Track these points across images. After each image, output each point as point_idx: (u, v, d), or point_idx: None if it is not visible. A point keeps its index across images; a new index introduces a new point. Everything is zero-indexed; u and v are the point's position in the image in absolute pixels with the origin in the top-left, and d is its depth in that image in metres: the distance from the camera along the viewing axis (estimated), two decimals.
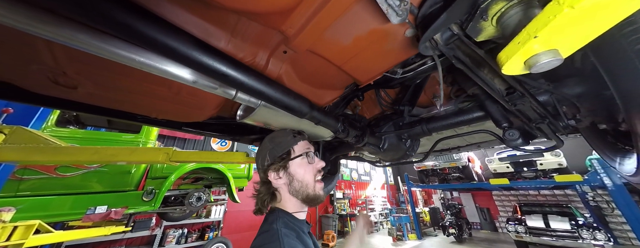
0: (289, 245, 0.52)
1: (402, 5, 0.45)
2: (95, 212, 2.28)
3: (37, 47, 0.51)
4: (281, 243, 0.51)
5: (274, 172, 0.66)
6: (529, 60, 0.32)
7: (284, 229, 0.57)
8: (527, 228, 5.52)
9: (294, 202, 0.65)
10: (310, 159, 0.68)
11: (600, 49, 0.44)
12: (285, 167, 0.66)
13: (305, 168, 0.66)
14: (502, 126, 0.70)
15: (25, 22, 0.41)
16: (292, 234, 0.57)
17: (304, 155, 0.68)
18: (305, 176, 0.65)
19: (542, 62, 0.31)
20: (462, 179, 7.64)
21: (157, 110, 0.90)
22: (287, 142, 0.71)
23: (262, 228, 0.60)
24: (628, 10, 0.25)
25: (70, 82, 0.62)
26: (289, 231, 0.57)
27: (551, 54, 0.30)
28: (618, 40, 0.40)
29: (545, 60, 0.31)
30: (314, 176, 0.66)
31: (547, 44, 0.31)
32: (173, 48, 0.50)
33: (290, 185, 0.65)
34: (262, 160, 0.71)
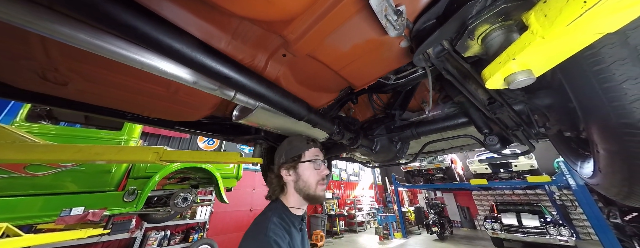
0: (273, 231, 0.61)
1: (400, 20, 0.49)
2: (70, 213, 2.13)
3: (29, 43, 0.49)
4: (267, 229, 0.62)
5: (286, 170, 0.77)
6: (508, 78, 0.37)
7: (275, 219, 0.67)
8: (502, 225, 5.92)
9: (296, 198, 0.75)
10: (316, 165, 0.77)
11: (566, 68, 0.51)
12: (295, 168, 0.76)
13: (311, 171, 0.75)
14: (483, 132, 0.77)
15: (26, 19, 0.39)
16: (281, 225, 0.66)
17: (312, 161, 0.78)
18: (310, 178, 0.74)
19: (518, 80, 0.36)
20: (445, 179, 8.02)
21: (150, 109, 0.88)
22: (301, 147, 0.81)
23: (261, 214, 0.72)
24: (589, 40, 0.30)
25: (60, 78, 0.60)
26: (279, 221, 0.67)
27: (526, 73, 0.35)
28: (580, 61, 0.47)
29: (521, 78, 0.36)
30: (317, 180, 0.75)
31: (523, 65, 0.36)
32: (177, 49, 0.50)
33: (296, 183, 0.75)
34: (279, 157, 0.83)
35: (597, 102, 0.45)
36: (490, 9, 0.38)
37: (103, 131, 2.78)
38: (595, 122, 0.49)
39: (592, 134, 0.51)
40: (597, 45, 0.44)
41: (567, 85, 0.52)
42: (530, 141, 0.72)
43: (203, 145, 5.88)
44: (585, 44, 0.31)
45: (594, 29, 0.28)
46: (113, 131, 2.80)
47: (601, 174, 0.56)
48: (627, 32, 0.41)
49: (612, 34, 0.42)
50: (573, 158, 0.77)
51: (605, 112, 0.44)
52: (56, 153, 1.00)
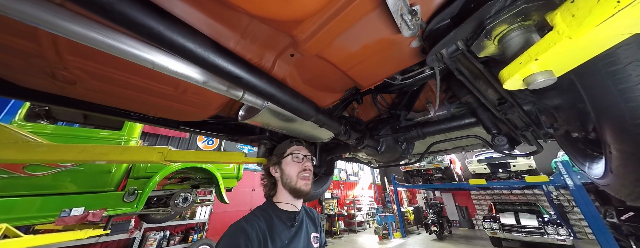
0: (245, 219, 0.67)
1: (414, 20, 0.49)
2: (70, 214, 2.11)
3: (40, 42, 0.48)
4: (242, 218, 0.66)
5: (273, 167, 0.83)
6: (528, 78, 0.37)
7: (256, 210, 0.73)
8: (501, 225, 5.96)
9: (285, 194, 0.78)
10: (296, 158, 0.81)
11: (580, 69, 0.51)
12: (280, 164, 0.81)
13: (292, 165, 0.80)
14: (492, 132, 0.77)
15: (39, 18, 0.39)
16: (259, 215, 0.70)
17: (291, 154, 0.82)
18: (291, 172, 0.78)
19: (538, 80, 0.36)
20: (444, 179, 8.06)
21: (156, 109, 0.87)
22: (284, 146, 0.87)
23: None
24: (615, 40, 0.30)
25: (69, 77, 0.59)
26: (260, 213, 0.72)
27: (547, 74, 0.35)
28: (594, 62, 0.47)
29: (541, 79, 0.36)
30: (297, 172, 0.78)
31: (544, 66, 0.36)
32: (190, 49, 0.50)
33: (282, 178, 0.79)
34: (269, 160, 0.88)
35: (612, 103, 0.45)
36: (510, 9, 0.38)
37: (102, 131, 2.75)
38: (609, 123, 0.49)
39: (605, 135, 0.52)
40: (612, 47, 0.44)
41: (580, 86, 0.52)
42: (538, 141, 0.72)
43: (202, 145, 5.85)
44: (612, 44, 0.31)
45: (623, 29, 0.28)
46: (113, 131, 2.78)
47: (613, 175, 0.56)
48: None
49: None
50: (581, 159, 0.77)
51: (620, 113, 0.45)
52: (59, 153, 0.99)
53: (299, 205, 0.81)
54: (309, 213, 0.88)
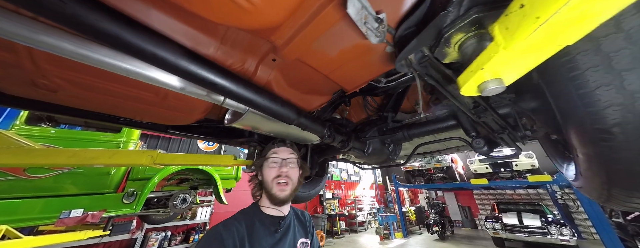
0: (224, 223, 0.66)
1: (380, 27, 0.50)
2: (69, 215, 2.15)
3: (17, 52, 0.50)
4: (223, 222, 0.67)
5: (258, 171, 0.82)
6: (480, 86, 0.38)
7: (238, 214, 0.73)
8: (503, 225, 5.90)
9: (265, 198, 0.78)
10: (272, 163, 0.79)
11: (545, 74, 0.51)
12: (261, 168, 0.80)
13: (268, 170, 0.78)
14: (470, 135, 0.77)
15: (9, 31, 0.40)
16: (242, 220, 0.69)
17: (267, 159, 0.80)
18: (267, 176, 0.76)
19: (490, 88, 0.37)
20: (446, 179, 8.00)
21: (142, 114, 0.89)
22: (268, 148, 0.85)
23: None
24: (550, 51, 0.31)
25: (50, 86, 0.61)
26: (242, 217, 0.71)
27: (496, 82, 0.36)
28: (557, 67, 0.47)
29: (492, 86, 0.36)
30: (272, 177, 0.76)
31: (494, 74, 0.36)
32: (161, 57, 0.51)
33: (263, 183, 0.78)
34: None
35: (574, 107, 0.45)
36: (463, 18, 0.39)
37: (102, 133, 2.80)
38: (573, 127, 0.49)
39: (571, 138, 0.52)
40: (572, 52, 0.44)
41: (546, 90, 0.52)
42: (516, 144, 0.72)
43: (203, 146, 5.90)
44: (548, 55, 0.32)
45: (553, 41, 0.28)
46: (112, 133, 2.83)
47: (582, 177, 0.56)
48: (600, 40, 0.41)
49: (586, 42, 0.43)
50: (560, 161, 0.77)
51: (581, 118, 0.45)
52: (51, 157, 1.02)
53: (286, 210, 0.78)
54: (300, 217, 0.84)
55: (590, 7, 0.23)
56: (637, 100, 0.38)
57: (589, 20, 0.25)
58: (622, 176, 0.44)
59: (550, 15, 0.23)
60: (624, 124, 0.39)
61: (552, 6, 0.23)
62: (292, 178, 0.78)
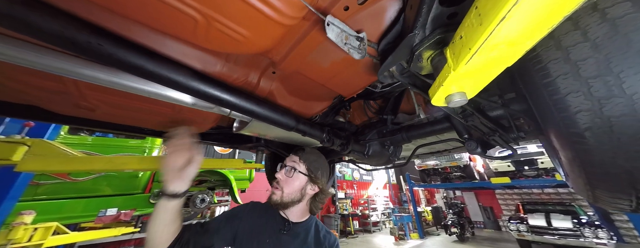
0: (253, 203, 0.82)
1: (361, 45, 0.55)
2: (106, 214, 2.43)
3: (64, 82, 0.62)
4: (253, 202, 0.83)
5: None
6: (447, 98, 0.42)
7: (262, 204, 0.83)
8: (529, 226, 5.52)
9: None
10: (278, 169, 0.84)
11: (524, 79, 0.53)
12: None
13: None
14: (463, 137, 0.79)
15: (59, 68, 0.52)
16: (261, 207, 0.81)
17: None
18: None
19: (455, 100, 0.40)
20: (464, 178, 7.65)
21: (162, 125, 1.01)
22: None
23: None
24: (495, 71, 0.34)
25: (90, 106, 0.74)
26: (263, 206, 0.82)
27: (460, 95, 0.40)
28: (532, 74, 0.49)
29: (457, 99, 0.40)
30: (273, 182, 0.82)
31: (458, 88, 0.40)
32: (176, 80, 0.61)
33: None
34: None
35: (549, 112, 0.47)
36: (429, 38, 0.43)
37: (131, 140, 3.11)
38: (551, 131, 0.50)
39: (552, 142, 0.52)
40: (544, 60, 0.46)
41: (527, 95, 0.53)
42: (510, 145, 0.73)
43: (219, 149, 6.23)
44: (495, 74, 0.35)
45: (493, 64, 0.32)
46: (139, 140, 3.12)
47: (570, 179, 0.56)
48: (569, 49, 0.43)
49: (556, 50, 0.45)
50: (558, 162, 0.75)
51: (557, 122, 0.46)
52: (91, 164, 1.19)
53: (292, 216, 0.79)
54: (320, 237, 0.78)
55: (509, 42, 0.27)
56: (604, 106, 0.39)
57: (514, 49, 0.29)
58: (599, 178, 0.45)
59: (478, 47, 0.27)
60: (594, 128, 0.41)
61: (478, 40, 0.27)
62: (283, 185, 0.78)
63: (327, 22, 0.47)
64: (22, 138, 1.19)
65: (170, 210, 0.65)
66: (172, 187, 0.66)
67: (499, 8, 0.22)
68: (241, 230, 0.73)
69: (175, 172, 0.68)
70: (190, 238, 0.68)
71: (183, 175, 0.68)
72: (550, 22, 0.24)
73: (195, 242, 0.68)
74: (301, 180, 0.81)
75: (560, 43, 0.44)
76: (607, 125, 0.39)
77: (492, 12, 0.23)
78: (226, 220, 0.76)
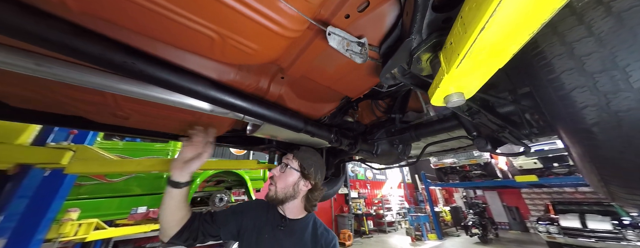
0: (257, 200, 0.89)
1: (363, 50, 0.58)
2: (137, 211, 2.66)
3: (105, 95, 0.72)
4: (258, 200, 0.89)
5: None
6: (445, 98, 0.43)
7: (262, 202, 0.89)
8: (561, 228, 5.10)
9: None
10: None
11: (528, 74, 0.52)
12: None
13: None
14: (471, 134, 0.78)
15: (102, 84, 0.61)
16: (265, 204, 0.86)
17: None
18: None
19: (453, 100, 0.42)
20: (485, 177, 7.24)
21: (182, 130, 1.11)
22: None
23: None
24: (488, 74, 0.35)
25: (125, 115, 0.84)
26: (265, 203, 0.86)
27: (458, 95, 0.41)
28: (537, 70, 0.49)
29: (455, 99, 0.42)
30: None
31: (456, 88, 0.42)
32: (196, 90, 0.68)
33: None
34: None
35: (556, 108, 0.47)
36: (426, 42, 0.44)
37: (156, 144, 3.38)
38: (560, 127, 0.49)
39: (562, 138, 0.51)
40: (548, 56, 0.46)
41: (533, 91, 0.53)
42: (522, 142, 0.71)
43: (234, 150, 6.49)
44: (488, 75, 0.36)
45: (485, 66, 0.33)
46: (163, 143, 3.38)
47: (585, 176, 0.54)
48: (573, 44, 0.43)
49: (560, 46, 0.45)
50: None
51: (563, 118, 0.46)
52: (124, 166, 1.34)
53: (289, 213, 0.82)
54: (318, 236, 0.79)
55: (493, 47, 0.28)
56: (611, 101, 0.39)
57: (501, 53, 0.30)
58: (611, 174, 0.43)
59: (465, 52, 0.29)
60: (602, 123, 0.40)
61: (465, 46, 0.28)
62: (277, 181, 0.83)
63: (328, 32, 0.51)
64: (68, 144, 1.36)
65: (174, 197, 0.71)
66: (174, 176, 0.73)
67: (479, 19, 0.24)
68: (245, 225, 0.78)
69: (180, 164, 0.75)
70: (199, 226, 0.74)
71: (186, 168, 0.75)
72: (530, 28, 0.26)
73: (203, 230, 0.74)
74: (294, 176, 0.84)
75: (564, 38, 0.43)
76: (615, 120, 0.39)
77: (474, 22, 0.25)
78: (233, 214, 0.81)
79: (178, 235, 0.71)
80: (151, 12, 0.41)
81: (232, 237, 0.79)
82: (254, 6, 0.41)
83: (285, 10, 0.43)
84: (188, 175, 0.76)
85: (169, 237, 0.71)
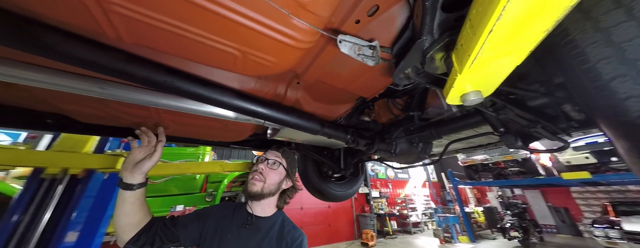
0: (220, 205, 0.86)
1: (374, 52, 0.59)
2: (175, 209, 2.97)
3: (149, 110, 0.84)
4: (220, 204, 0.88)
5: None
6: (462, 97, 0.43)
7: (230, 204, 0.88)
8: (624, 232, 4.39)
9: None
10: (258, 161, 0.89)
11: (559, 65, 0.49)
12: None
13: (254, 166, 0.88)
14: (498, 131, 0.72)
15: (147, 100, 0.72)
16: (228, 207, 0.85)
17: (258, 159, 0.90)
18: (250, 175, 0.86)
19: (470, 98, 0.41)
20: (524, 174, 6.52)
21: (212, 136, 1.23)
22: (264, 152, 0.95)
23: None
24: (505, 72, 0.34)
25: (164, 125, 0.97)
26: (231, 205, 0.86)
27: (475, 93, 0.41)
28: (569, 60, 0.45)
29: (472, 97, 0.41)
30: (252, 172, 0.85)
31: (472, 86, 0.41)
32: (223, 101, 0.75)
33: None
34: None
35: (593, 100, 0.43)
36: (439, 42, 0.44)
37: (188, 148, 3.73)
38: (600, 121, 0.44)
39: (605, 132, 0.46)
40: (581, 45, 0.43)
41: (567, 83, 0.48)
42: (559, 137, 0.64)
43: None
44: (505, 73, 0.35)
45: (498, 65, 0.32)
46: (194, 148, 3.72)
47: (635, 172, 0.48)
48: (610, 30, 0.39)
49: (594, 32, 0.41)
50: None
51: (603, 111, 0.42)
52: (166, 169, 1.52)
53: (260, 210, 0.81)
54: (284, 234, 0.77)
55: (505, 47, 0.28)
56: None
57: (515, 52, 0.29)
58: None
59: (476, 54, 0.29)
60: None
61: (475, 48, 0.29)
62: (266, 177, 0.82)
63: (339, 40, 0.53)
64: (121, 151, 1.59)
65: (126, 200, 0.67)
66: (125, 178, 0.69)
67: (486, 21, 0.25)
68: (207, 229, 0.75)
69: (131, 165, 0.71)
70: (157, 230, 0.70)
71: (137, 169, 0.71)
72: (542, 28, 0.25)
73: (162, 235, 0.70)
74: (281, 175, 0.86)
75: (599, 24, 0.40)
76: None
77: (481, 26, 0.26)
78: (195, 218, 0.78)
79: (134, 239, 0.67)
80: (187, 39, 0.47)
81: (193, 242, 0.74)
82: (271, 25, 0.45)
83: (298, 25, 0.46)
84: (141, 177, 0.72)
85: (125, 241, 0.67)
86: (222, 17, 0.41)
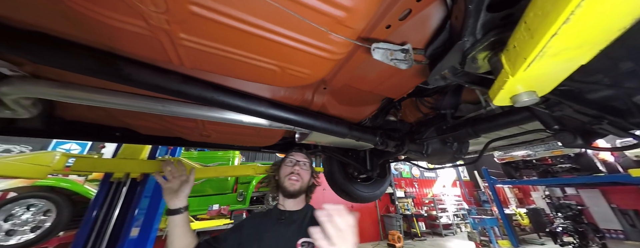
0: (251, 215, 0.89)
1: (407, 56, 0.59)
2: (212, 208, 3.25)
3: (196, 122, 0.95)
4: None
5: (276, 173, 1.00)
6: (513, 98, 0.41)
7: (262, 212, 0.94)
8: None
9: (281, 194, 0.93)
10: (289, 162, 0.97)
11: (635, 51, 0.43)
12: (278, 169, 0.99)
13: (284, 168, 0.96)
14: (552, 128, 0.65)
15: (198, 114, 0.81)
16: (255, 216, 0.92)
17: (284, 159, 0.99)
18: (282, 173, 0.95)
19: (522, 100, 0.39)
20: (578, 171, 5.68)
21: (246, 141, 1.32)
22: (287, 154, 1.04)
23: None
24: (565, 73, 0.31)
25: (207, 134, 1.08)
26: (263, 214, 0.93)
27: (528, 94, 0.38)
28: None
29: (526, 98, 0.39)
30: (286, 174, 0.93)
31: (524, 87, 0.39)
32: (259, 111, 0.81)
33: (278, 181, 0.96)
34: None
35: None
36: (482, 41, 0.42)
37: (219, 152, 4.05)
38: None
39: None
40: None
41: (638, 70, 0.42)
42: (632, 133, 0.56)
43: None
44: (567, 73, 0.32)
45: (560, 65, 0.30)
46: (224, 151, 4.03)
47: None
48: None
49: None
50: None
51: None
52: (207, 172, 1.68)
53: (292, 206, 0.90)
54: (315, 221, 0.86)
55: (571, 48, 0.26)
56: None
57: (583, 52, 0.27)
58: None
59: (533, 58, 0.28)
60: None
61: (533, 52, 0.27)
62: (303, 177, 0.93)
63: (373, 49, 0.54)
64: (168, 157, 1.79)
65: (178, 224, 0.75)
66: (170, 205, 0.78)
67: (547, 26, 0.23)
68: (244, 236, 0.83)
69: (172, 194, 0.80)
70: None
71: (179, 195, 0.80)
72: (620, 25, 0.23)
73: None
74: (309, 173, 0.98)
75: None
76: None
77: (541, 29, 0.24)
78: (232, 230, 0.87)
79: None
80: (236, 61, 0.53)
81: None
82: (309, 42, 0.49)
83: (334, 40, 0.49)
84: (185, 200, 0.81)
85: None
86: (269, 40, 0.46)
